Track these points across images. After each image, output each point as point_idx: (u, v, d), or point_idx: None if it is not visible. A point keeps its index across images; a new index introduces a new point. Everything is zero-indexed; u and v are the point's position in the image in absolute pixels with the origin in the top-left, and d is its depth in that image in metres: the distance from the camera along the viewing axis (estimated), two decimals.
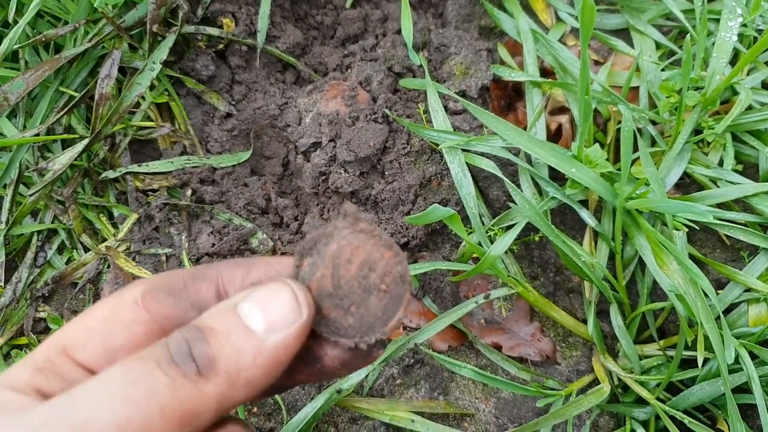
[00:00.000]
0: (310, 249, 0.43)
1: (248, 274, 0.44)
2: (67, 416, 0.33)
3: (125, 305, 0.42)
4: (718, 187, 0.99)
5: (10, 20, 1.04)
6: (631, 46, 1.13)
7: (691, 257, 0.95)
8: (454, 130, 1.01)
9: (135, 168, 1.06)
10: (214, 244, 1.03)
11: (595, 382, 0.98)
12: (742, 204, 1.00)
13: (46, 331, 1.03)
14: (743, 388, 0.90)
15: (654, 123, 1.04)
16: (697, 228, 0.97)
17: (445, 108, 1.03)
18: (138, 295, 0.43)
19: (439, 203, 0.98)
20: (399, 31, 1.12)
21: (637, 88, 1.08)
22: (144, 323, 0.42)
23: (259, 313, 0.38)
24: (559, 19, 1.15)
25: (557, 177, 1.00)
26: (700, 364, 0.85)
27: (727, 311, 0.94)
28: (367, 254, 0.43)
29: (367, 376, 0.96)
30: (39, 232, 1.06)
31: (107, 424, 0.32)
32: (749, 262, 0.95)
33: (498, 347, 1.01)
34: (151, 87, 1.08)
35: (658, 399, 0.94)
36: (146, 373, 0.35)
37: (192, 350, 0.36)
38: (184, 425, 0.35)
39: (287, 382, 0.44)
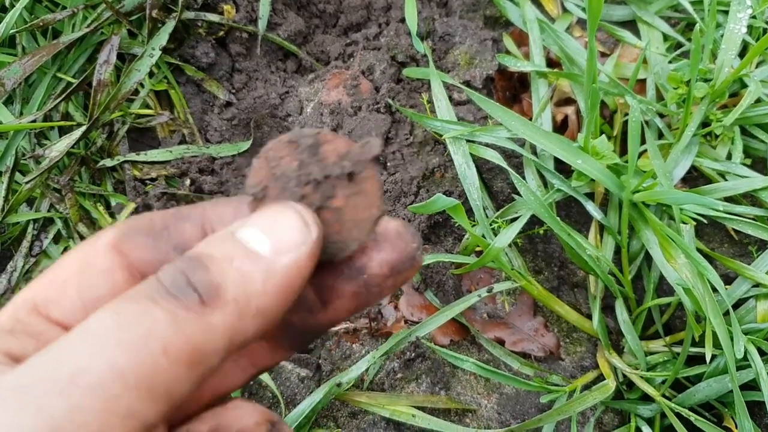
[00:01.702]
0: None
1: (239, 211, 0.39)
2: (51, 372, 0.28)
3: (99, 251, 0.37)
4: (727, 180, 0.98)
5: (7, 4, 1.02)
6: (638, 37, 1.11)
7: (699, 251, 0.93)
8: (458, 120, 1.00)
9: (133, 156, 1.04)
10: None
11: (600, 378, 0.96)
12: (751, 198, 0.99)
13: None
14: (751, 385, 0.88)
15: (661, 116, 1.03)
16: (705, 222, 0.95)
17: (449, 98, 1.01)
18: (112, 238, 0.37)
19: (442, 194, 0.96)
20: (403, 20, 1.10)
21: (644, 80, 1.06)
22: (124, 268, 0.37)
23: (263, 236, 0.34)
24: (565, 10, 1.13)
25: (563, 169, 0.98)
26: (708, 359, 0.83)
27: (734, 307, 0.92)
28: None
29: (367, 370, 0.94)
30: (35, 220, 1.04)
31: (103, 374, 0.28)
32: (758, 257, 0.93)
33: (501, 342, 0.99)
34: (150, 74, 1.06)
35: (664, 396, 0.92)
36: (140, 311, 0.30)
37: (191, 279, 0.31)
38: (192, 366, 0.30)
39: (325, 317, 0.39)
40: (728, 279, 0.95)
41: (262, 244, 0.33)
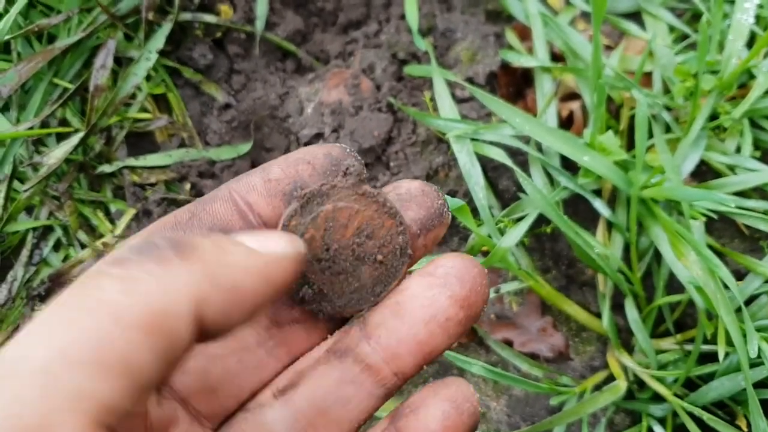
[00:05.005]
0: (302, 207, 0.39)
1: (268, 174, 0.38)
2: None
3: None
4: (736, 174, 0.96)
5: (1, 10, 1.01)
6: (643, 29, 1.09)
7: (709, 248, 0.92)
8: (462, 118, 0.98)
9: (132, 162, 1.03)
10: None
11: (610, 378, 0.95)
12: (761, 192, 0.97)
13: None
14: (765, 383, 0.87)
15: (668, 109, 1.01)
16: (715, 217, 0.93)
17: (452, 95, 0.99)
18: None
19: (446, 195, 0.94)
20: (403, 17, 1.08)
21: (650, 73, 1.04)
22: None
23: (252, 238, 0.33)
24: (568, 3, 1.11)
25: (569, 166, 0.96)
26: (721, 358, 0.82)
27: (746, 303, 0.90)
28: (367, 221, 0.40)
29: None
30: (34, 228, 1.03)
31: (44, 356, 0.23)
32: None
33: (509, 343, 0.98)
34: (148, 77, 1.05)
35: (676, 395, 0.90)
36: (90, 284, 0.26)
37: (157, 242, 0.28)
38: (151, 332, 0.25)
39: None
40: (739, 275, 0.94)
41: (250, 241, 0.32)
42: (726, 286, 0.84)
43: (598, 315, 0.99)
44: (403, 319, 0.38)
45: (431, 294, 0.38)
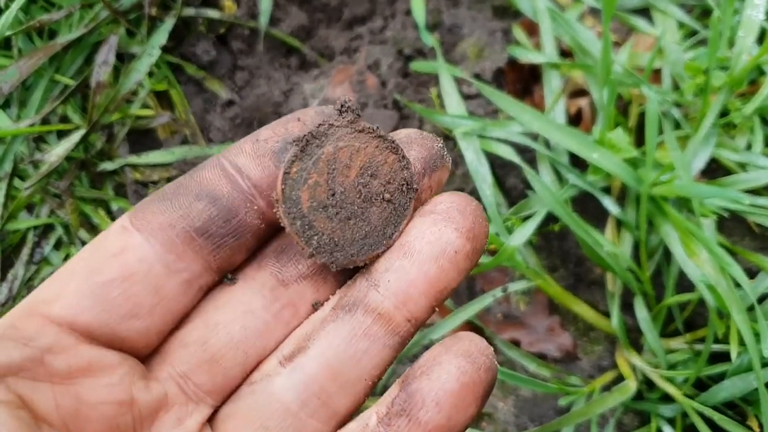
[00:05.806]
0: (301, 152, 0.37)
1: (257, 136, 0.38)
2: None
3: (109, 236, 0.36)
4: (747, 171, 0.95)
5: (2, 5, 0.99)
6: (652, 25, 1.08)
7: (720, 246, 0.90)
8: (469, 115, 0.97)
9: (134, 159, 1.02)
10: None
11: (619, 378, 0.94)
12: None
13: None
14: None
15: (678, 106, 1.00)
16: (726, 215, 0.92)
17: (459, 92, 0.98)
18: (125, 221, 0.37)
19: None
20: (409, 12, 1.07)
21: (659, 70, 1.03)
22: (136, 248, 0.36)
23: None
24: None
25: (578, 163, 0.95)
26: (733, 357, 0.81)
27: (758, 302, 0.89)
28: (369, 158, 0.38)
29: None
30: (35, 227, 1.01)
31: None
32: None
33: (516, 343, 0.96)
34: (150, 74, 1.03)
35: (686, 395, 0.89)
36: None
37: None
38: None
39: None
40: (750, 274, 0.92)
41: None
42: (738, 285, 0.83)
43: (607, 314, 0.97)
44: (411, 258, 0.37)
45: (437, 229, 0.37)
